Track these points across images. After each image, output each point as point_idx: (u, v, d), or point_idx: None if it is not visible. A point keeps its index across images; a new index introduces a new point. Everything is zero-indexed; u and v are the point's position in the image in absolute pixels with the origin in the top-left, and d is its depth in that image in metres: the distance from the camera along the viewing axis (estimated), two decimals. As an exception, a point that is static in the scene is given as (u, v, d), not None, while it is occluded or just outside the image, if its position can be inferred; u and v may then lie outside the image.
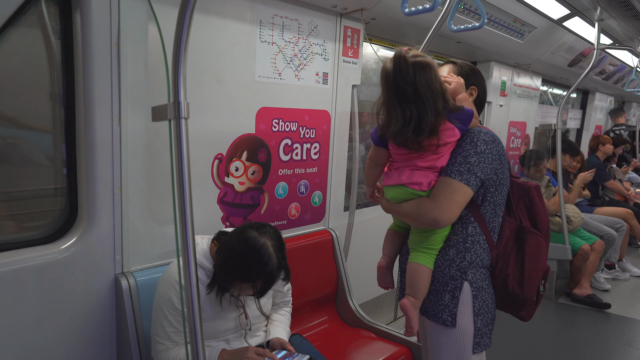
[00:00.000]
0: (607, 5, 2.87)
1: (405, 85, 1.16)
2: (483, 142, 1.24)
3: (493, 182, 1.27)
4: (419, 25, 2.37)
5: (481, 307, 1.30)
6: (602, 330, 3.12)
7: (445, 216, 1.20)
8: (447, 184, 1.22)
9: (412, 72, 1.15)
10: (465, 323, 1.29)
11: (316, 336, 2.10)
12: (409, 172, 1.25)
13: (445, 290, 1.30)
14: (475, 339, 1.30)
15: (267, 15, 1.88)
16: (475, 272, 1.30)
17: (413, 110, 1.18)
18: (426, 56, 1.19)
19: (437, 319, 1.31)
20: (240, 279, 1.30)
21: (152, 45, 1.52)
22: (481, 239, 1.30)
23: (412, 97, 1.17)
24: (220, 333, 1.46)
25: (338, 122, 2.32)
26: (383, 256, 1.49)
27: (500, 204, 1.32)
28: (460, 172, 1.22)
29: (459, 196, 1.21)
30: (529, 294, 1.32)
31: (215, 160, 1.81)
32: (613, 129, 6.04)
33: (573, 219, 3.57)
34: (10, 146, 1.44)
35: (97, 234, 1.48)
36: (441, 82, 1.20)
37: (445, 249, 1.31)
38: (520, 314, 1.39)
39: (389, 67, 1.18)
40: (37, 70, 1.43)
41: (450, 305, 1.29)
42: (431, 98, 1.17)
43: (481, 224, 1.30)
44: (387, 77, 1.19)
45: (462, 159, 1.22)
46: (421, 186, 1.24)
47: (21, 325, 1.35)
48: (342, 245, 2.36)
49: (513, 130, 4.07)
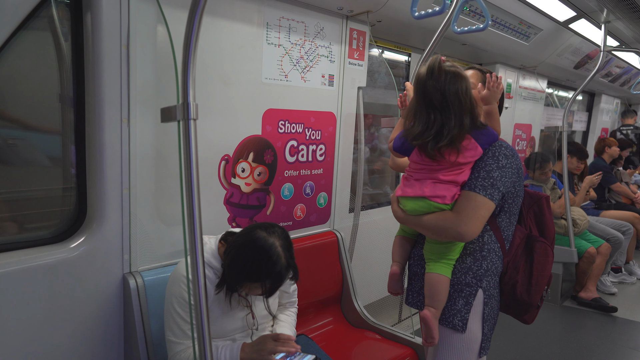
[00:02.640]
0: (614, 7, 2.87)
1: (434, 91, 1.19)
2: (504, 156, 1.26)
3: (511, 194, 1.30)
4: (425, 28, 2.38)
5: (489, 314, 1.33)
6: (608, 334, 3.10)
7: (471, 231, 1.22)
8: (472, 199, 1.23)
9: (443, 79, 1.18)
10: (475, 328, 1.31)
11: (321, 337, 2.10)
12: (431, 184, 1.25)
13: (460, 296, 1.31)
14: (482, 344, 1.32)
15: (274, 17, 1.89)
16: (490, 279, 1.32)
17: (437, 115, 1.20)
18: (461, 69, 1.21)
19: (447, 323, 1.32)
20: (249, 279, 1.30)
21: (161, 47, 1.54)
22: (496, 247, 1.33)
23: (438, 103, 1.19)
24: (228, 332, 1.46)
25: (344, 123, 2.33)
26: (394, 263, 1.49)
27: (515, 213, 1.35)
28: (484, 187, 1.23)
29: (484, 211, 1.23)
30: (535, 300, 1.35)
31: (222, 162, 1.82)
32: (620, 128, 6.01)
33: (579, 221, 3.55)
34: (20, 147, 1.46)
35: (105, 233, 1.49)
36: (472, 97, 1.21)
37: (463, 257, 1.32)
38: (524, 317, 1.43)
39: (422, 71, 1.21)
40: (48, 72, 1.45)
41: (462, 311, 1.31)
42: (457, 108, 1.19)
43: (497, 232, 1.33)
44: (419, 81, 1.22)
45: (485, 173, 1.24)
46: (444, 199, 1.24)
47: (30, 323, 1.37)
48: (347, 247, 2.36)
49: (518, 133, 4.06)
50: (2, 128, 1.40)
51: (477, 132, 1.24)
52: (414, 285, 1.44)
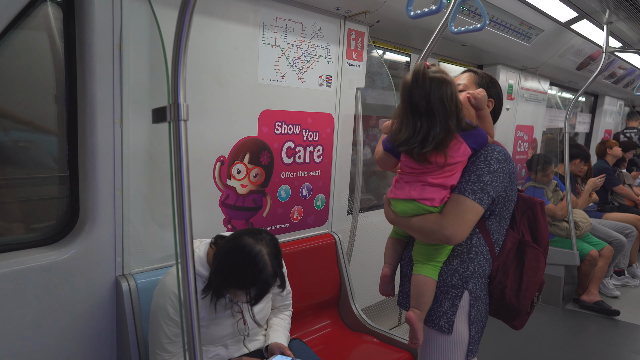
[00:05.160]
0: (616, 8, 2.84)
1: (420, 98, 1.19)
2: (496, 160, 1.26)
3: (502, 198, 1.30)
4: (423, 28, 2.36)
5: (476, 316, 1.32)
6: (610, 337, 3.06)
7: (458, 234, 1.22)
8: (461, 202, 1.23)
9: (428, 86, 1.18)
10: (462, 330, 1.31)
11: (318, 341, 2.08)
12: (420, 187, 1.25)
13: (446, 298, 1.31)
14: (469, 346, 1.32)
15: (270, 17, 1.87)
16: (476, 281, 1.32)
17: (424, 122, 1.20)
18: (447, 74, 1.21)
19: (434, 325, 1.32)
20: (234, 285, 1.29)
21: (154, 47, 1.52)
22: (484, 250, 1.32)
23: (424, 110, 1.19)
24: (218, 339, 1.44)
25: (342, 125, 2.31)
26: (386, 265, 1.49)
27: (506, 217, 1.35)
28: (474, 190, 1.23)
29: (472, 215, 1.23)
30: (524, 306, 1.35)
31: (217, 163, 1.81)
32: (624, 131, 5.97)
33: (581, 224, 3.51)
34: (14, 148, 1.45)
35: (98, 235, 1.48)
36: (457, 100, 1.21)
37: (449, 259, 1.32)
38: (513, 323, 1.42)
39: (408, 78, 1.22)
40: (41, 72, 1.44)
41: (448, 313, 1.30)
42: (442, 114, 1.18)
43: (485, 235, 1.32)
44: (405, 88, 1.22)
45: (476, 177, 1.24)
46: (433, 202, 1.24)
47: (22, 326, 1.36)
48: (345, 249, 2.34)
49: (520, 134, 4.03)
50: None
51: (464, 133, 1.23)
52: (404, 287, 1.44)
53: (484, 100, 1.32)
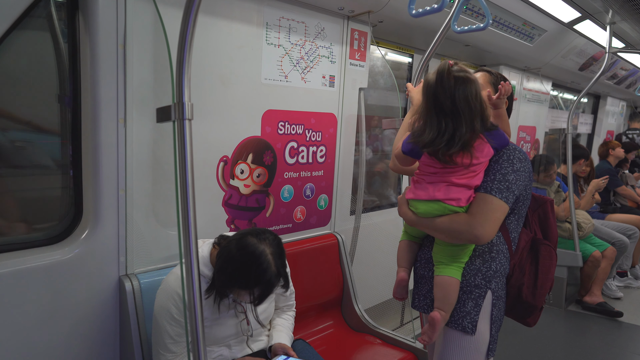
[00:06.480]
0: (619, 8, 2.83)
1: (444, 98, 1.17)
2: (519, 160, 1.27)
3: (523, 197, 1.31)
4: (427, 28, 2.36)
5: (497, 315, 1.33)
6: (613, 339, 3.05)
7: (487, 233, 1.21)
8: (489, 202, 1.23)
9: (453, 86, 1.16)
10: (484, 330, 1.31)
11: (321, 341, 2.07)
12: (445, 187, 1.24)
13: (469, 298, 1.31)
14: (490, 345, 1.32)
15: (274, 17, 1.87)
16: (498, 281, 1.32)
17: (449, 122, 1.18)
18: (470, 72, 1.19)
19: (457, 325, 1.31)
20: (238, 285, 1.28)
21: (158, 47, 1.52)
22: (504, 249, 1.33)
23: (449, 110, 1.17)
24: (221, 339, 1.44)
25: (345, 125, 2.30)
26: (401, 269, 1.47)
27: (523, 216, 1.36)
28: (500, 189, 1.23)
29: (500, 214, 1.23)
30: (540, 302, 1.37)
31: (220, 163, 1.80)
32: (626, 132, 5.96)
33: (584, 225, 3.50)
34: (18, 148, 1.45)
35: (101, 235, 1.48)
36: (482, 100, 1.20)
37: (472, 259, 1.32)
38: (527, 320, 1.44)
39: (431, 77, 1.19)
40: (45, 72, 1.44)
41: (472, 313, 1.30)
42: (468, 114, 1.17)
43: (505, 234, 1.33)
44: (428, 87, 1.20)
45: (501, 176, 1.24)
46: (459, 202, 1.23)
47: (25, 325, 1.35)
48: (348, 250, 2.34)
49: (522, 135, 4.02)
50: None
51: (487, 133, 1.23)
52: (421, 289, 1.42)
53: (503, 99, 1.33)
